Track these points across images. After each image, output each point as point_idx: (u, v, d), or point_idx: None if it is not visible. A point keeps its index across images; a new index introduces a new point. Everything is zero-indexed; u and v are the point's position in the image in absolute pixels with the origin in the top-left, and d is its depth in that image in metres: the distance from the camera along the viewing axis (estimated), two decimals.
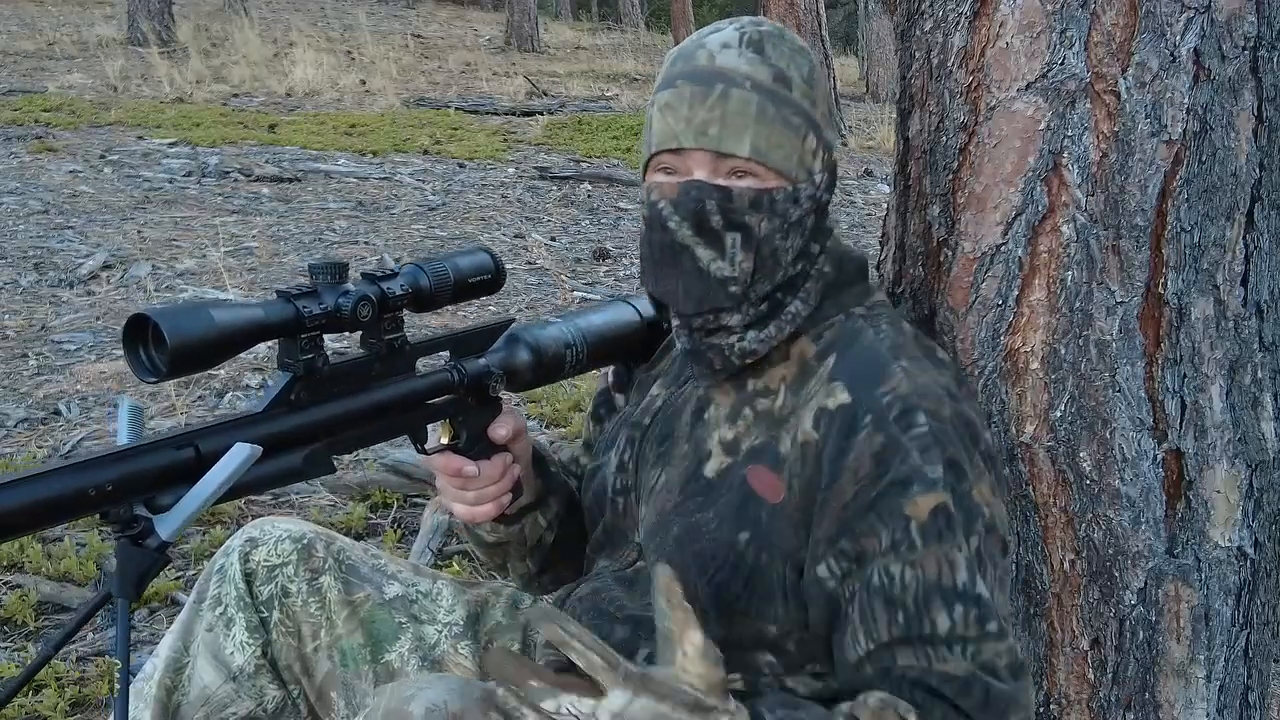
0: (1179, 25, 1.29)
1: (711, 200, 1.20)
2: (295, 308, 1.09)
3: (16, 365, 3.88)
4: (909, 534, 1.11)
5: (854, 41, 19.48)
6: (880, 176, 8.05)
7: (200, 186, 6.78)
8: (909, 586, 1.11)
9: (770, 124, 1.20)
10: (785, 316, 1.25)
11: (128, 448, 1.04)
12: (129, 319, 1.03)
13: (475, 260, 1.27)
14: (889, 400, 1.16)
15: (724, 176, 1.21)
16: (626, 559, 1.35)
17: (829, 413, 1.19)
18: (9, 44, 12.97)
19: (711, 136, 1.20)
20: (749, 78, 1.21)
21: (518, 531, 1.43)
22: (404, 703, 1.10)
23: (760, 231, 1.21)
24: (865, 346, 1.23)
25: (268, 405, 1.12)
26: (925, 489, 1.12)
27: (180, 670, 1.41)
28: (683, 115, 1.21)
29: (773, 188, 1.21)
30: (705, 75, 1.21)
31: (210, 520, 2.82)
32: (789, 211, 1.22)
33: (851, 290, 1.30)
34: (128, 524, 1.02)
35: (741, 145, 1.20)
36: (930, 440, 1.14)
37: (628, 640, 1.28)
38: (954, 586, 1.11)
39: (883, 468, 1.13)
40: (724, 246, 1.21)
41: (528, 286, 5.10)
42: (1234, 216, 1.34)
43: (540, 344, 1.34)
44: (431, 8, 21.64)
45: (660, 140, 1.23)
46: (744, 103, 1.20)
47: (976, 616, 1.11)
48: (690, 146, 1.21)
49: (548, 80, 12.98)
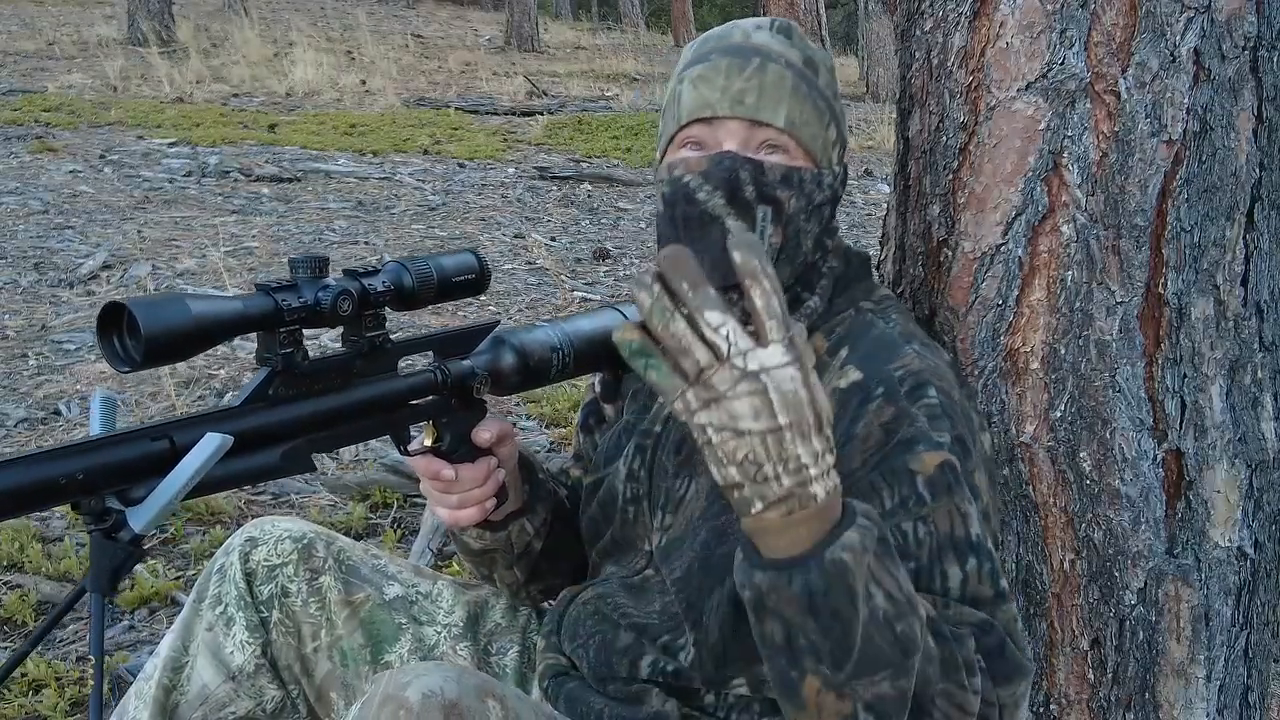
0: (1179, 25, 1.29)
1: (745, 170, 1.20)
2: (274, 301, 1.08)
3: (16, 365, 3.88)
4: (916, 489, 1.10)
5: (854, 41, 19.47)
6: (880, 176, 8.05)
7: (200, 186, 6.78)
8: (923, 542, 1.10)
9: (803, 101, 1.23)
10: (803, 312, 1.26)
11: (100, 438, 1.02)
12: (103, 306, 1.01)
13: (460, 260, 1.26)
14: (901, 374, 1.17)
15: (755, 150, 1.22)
16: (635, 566, 1.34)
17: (842, 391, 1.19)
18: (9, 44, 12.97)
19: (749, 105, 1.21)
20: (783, 55, 1.23)
21: (504, 539, 1.40)
22: (400, 689, 1.10)
23: (789, 208, 1.22)
24: (878, 334, 1.24)
25: (245, 399, 1.10)
26: (931, 448, 1.12)
27: (179, 670, 1.40)
28: (719, 84, 1.21)
29: (801, 166, 1.23)
30: (741, 49, 1.23)
31: (210, 520, 2.82)
32: (814, 194, 1.24)
33: (859, 285, 1.30)
34: (99, 516, 1.00)
35: (778, 115, 1.21)
36: (939, 411, 1.14)
37: (631, 647, 1.28)
38: (966, 537, 1.10)
39: (890, 435, 1.14)
40: (755, 219, 1.21)
41: (528, 286, 5.10)
42: (1234, 216, 1.33)
43: (526, 347, 1.31)
44: (431, 8, 21.65)
45: (692, 110, 1.23)
46: (780, 76, 1.22)
47: (990, 571, 1.10)
48: (726, 114, 1.21)
49: (548, 80, 12.98)
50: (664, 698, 1.25)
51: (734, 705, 1.24)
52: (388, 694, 1.10)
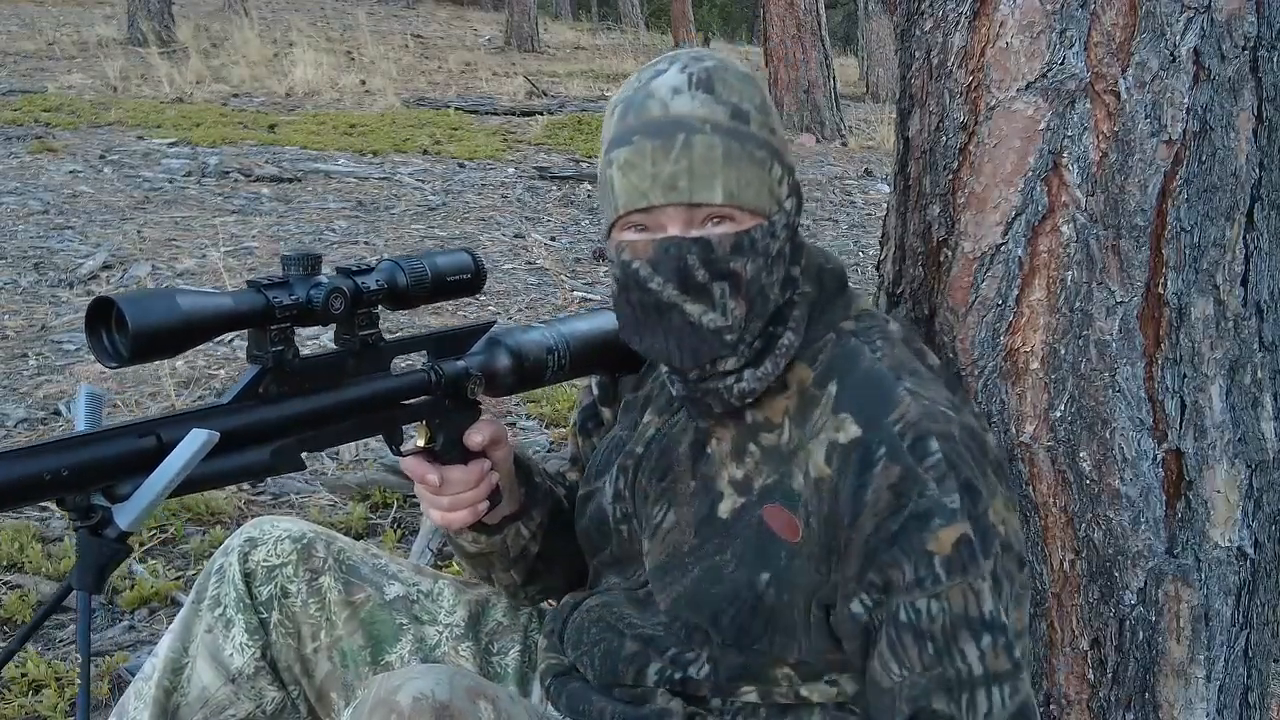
0: (1179, 25, 1.29)
1: (692, 255, 1.16)
2: (265, 298, 1.07)
3: (16, 365, 3.88)
4: (933, 569, 1.12)
5: (854, 41, 19.48)
6: (880, 176, 8.05)
7: (200, 186, 6.78)
8: (936, 619, 1.12)
9: (738, 164, 1.16)
10: (779, 350, 1.22)
11: (86, 433, 1.01)
12: (93, 301, 1.01)
13: (454, 259, 1.24)
14: (900, 429, 1.15)
15: (699, 226, 1.17)
16: (639, 579, 1.33)
17: (842, 447, 1.17)
18: (9, 44, 12.97)
19: (682, 189, 1.15)
20: (707, 120, 1.15)
21: (499, 541, 1.40)
22: (392, 692, 1.10)
23: (747, 274, 1.17)
24: (865, 371, 1.20)
25: (235, 397, 1.09)
26: (946, 521, 1.12)
27: (179, 671, 1.40)
28: (648, 172, 1.15)
29: (749, 227, 1.17)
30: (662, 126, 1.15)
31: (210, 520, 2.82)
32: (769, 247, 1.19)
33: (835, 305, 1.27)
34: (85, 513, 1.00)
35: (714, 193, 1.15)
36: (945, 467, 1.13)
37: (638, 655, 1.28)
38: (980, 616, 1.12)
39: (902, 499, 1.13)
40: (713, 298, 1.17)
41: (527, 287, 5.10)
42: (1234, 216, 1.33)
43: (521, 348, 1.30)
44: (431, 8, 21.64)
45: (627, 201, 1.17)
46: (709, 148, 1.15)
47: (1005, 645, 1.13)
48: (661, 203, 1.15)
49: (547, 80, 12.98)
50: (669, 696, 1.25)
51: (740, 710, 1.25)
52: (379, 698, 1.11)
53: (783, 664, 1.22)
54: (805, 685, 1.23)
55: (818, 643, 1.20)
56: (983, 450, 1.18)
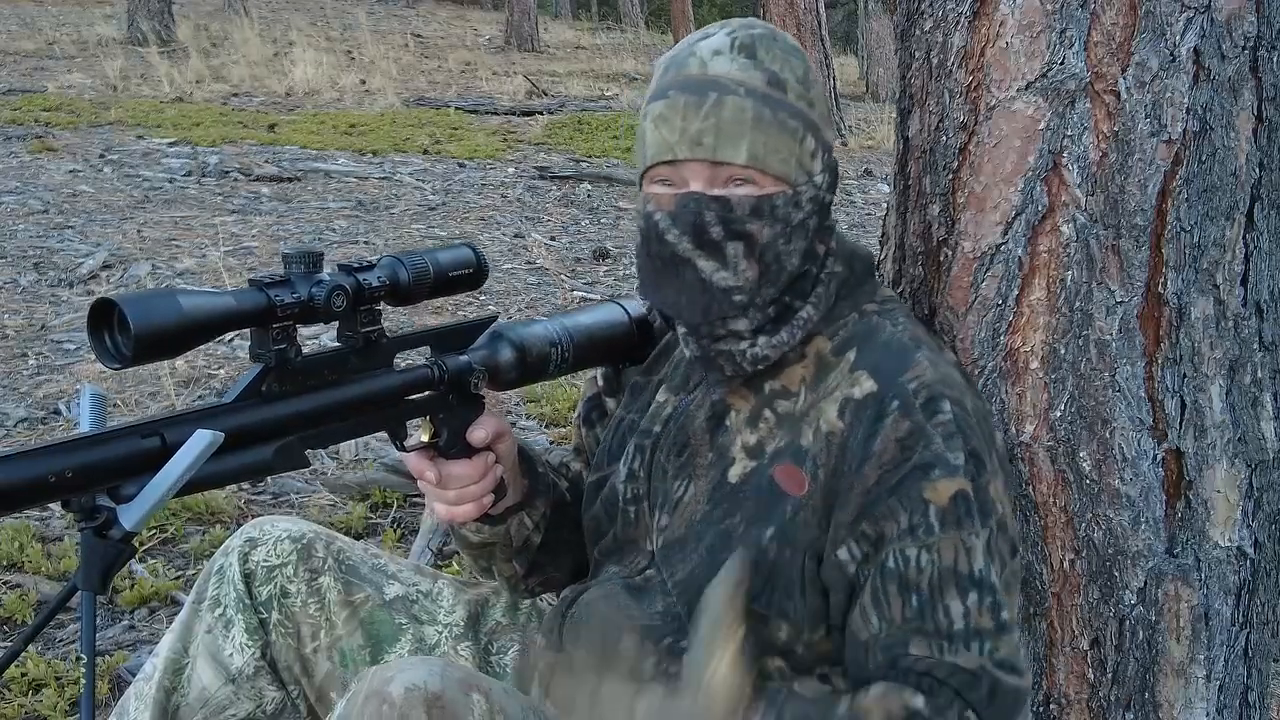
0: (1179, 25, 1.29)
1: (710, 211, 1.19)
2: (267, 296, 1.07)
3: (16, 365, 3.88)
4: (927, 518, 1.12)
5: (854, 41, 19.47)
6: (880, 176, 8.05)
7: (200, 186, 6.78)
8: (924, 570, 1.12)
9: (766, 129, 1.19)
10: (797, 322, 1.24)
11: (90, 435, 1.01)
12: (94, 303, 1.00)
13: (456, 255, 1.24)
14: (915, 387, 1.17)
15: (721, 185, 1.20)
16: (637, 566, 1.33)
17: (855, 401, 1.19)
18: (9, 44, 12.96)
19: (706, 146, 1.18)
20: (742, 84, 1.19)
21: (503, 532, 1.40)
22: (384, 683, 1.11)
23: (762, 238, 1.20)
24: (886, 338, 1.24)
25: (237, 396, 1.09)
26: (946, 474, 1.13)
27: (179, 671, 1.41)
28: (677, 126, 1.19)
29: (772, 193, 1.20)
30: (698, 84, 1.19)
31: (210, 519, 2.82)
32: (790, 215, 1.21)
33: (863, 288, 1.30)
34: (90, 514, 0.99)
35: (738, 153, 1.18)
36: (954, 428, 1.15)
37: (633, 648, 1.28)
38: (970, 573, 1.12)
39: (907, 453, 1.14)
40: (726, 257, 1.20)
41: (528, 286, 5.10)
42: (1234, 216, 1.33)
43: (525, 342, 1.30)
44: (431, 7, 21.64)
45: (655, 153, 1.21)
46: (739, 110, 1.18)
47: (991, 605, 1.12)
48: (685, 158, 1.19)
49: (547, 80, 12.97)
50: None
51: None
52: (372, 689, 1.11)
53: (773, 651, 1.22)
54: (797, 680, 1.23)
55: (811, 600, 1.20)
56: (991, 434, 1.20)
